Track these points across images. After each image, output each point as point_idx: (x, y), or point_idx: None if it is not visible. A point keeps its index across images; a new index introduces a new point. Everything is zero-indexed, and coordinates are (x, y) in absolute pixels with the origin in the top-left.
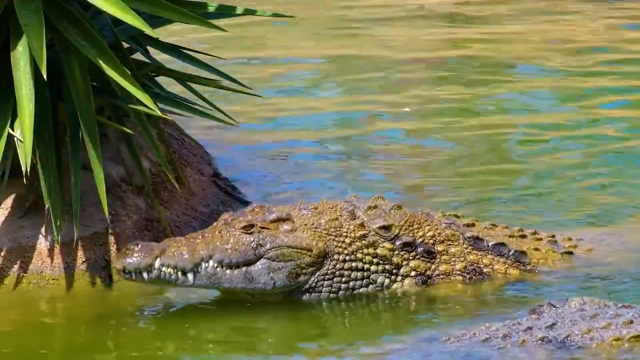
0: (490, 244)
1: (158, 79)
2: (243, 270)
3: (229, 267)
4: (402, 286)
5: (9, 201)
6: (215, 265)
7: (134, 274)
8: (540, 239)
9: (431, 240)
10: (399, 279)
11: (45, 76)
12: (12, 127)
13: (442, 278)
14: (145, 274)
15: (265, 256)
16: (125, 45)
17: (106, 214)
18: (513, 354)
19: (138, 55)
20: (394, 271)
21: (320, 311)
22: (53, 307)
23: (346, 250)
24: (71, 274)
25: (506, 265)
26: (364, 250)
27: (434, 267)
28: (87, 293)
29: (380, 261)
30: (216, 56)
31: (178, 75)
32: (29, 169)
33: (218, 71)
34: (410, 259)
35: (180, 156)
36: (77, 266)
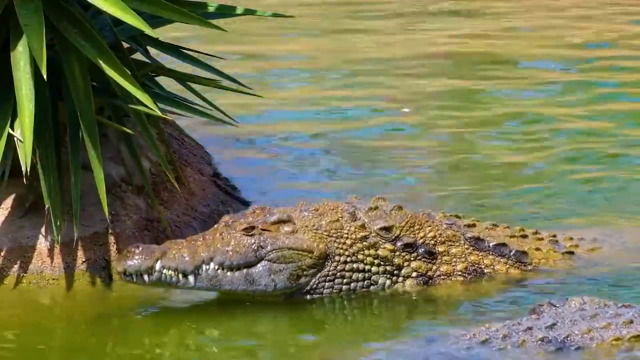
0: (491, 245)
1: (158, 79)
2: (244, 272)
3: (229, 269)
4: (404, 287)
5: (9, 201)
6: (216, 267)
7: (134, 276)
8: (541, 239)
9: (432, 241)
10: (400, 280)
11: (45, 76)
12: (12, 127)
13: (443, 279)
14: (146, 276)
15: (266, 258)
16: (125, 45)
17: (106, 214)
18: (513, 354)
19: (138, 55)
20: (395, 272)
21: (321, 311)
22: (53, 307)
23: (347, 252)
24: (71, 274)
25: (507, 266)
26: (365, 251)
27: (435, 268)
28: (87, 293)
29: (382, 262)
30: (216, 56)
31: (178, 75)
32: (29, 169)
33: (218, 71)
34: (412, 259)
35: (180, 156)
36: (77, 266)
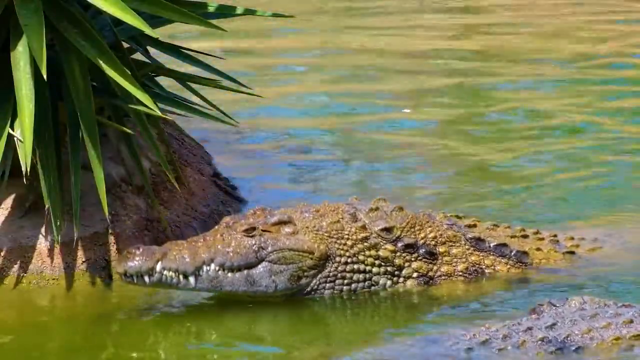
0: (491, 245)
1: (158, 79)
2: (245, 273)
3: (230, 270)
4: (404, 287)
5: (9, 201)
6: (216, 268)
7: (135, 277)
8: (542, 239)
9: (433, 242)
10: (401, 281)
11: (45, 76)
12: (12, 127)
13: (444, 279)
14: (146, 277)
15: (266, 259)
16: (125, 45)
17: (106, 214)
18: (513, 355)
19: (138, 55)
20: (396, 273)
21: (321, 312)
22: (53, 307)
23: (348, 253)
24: (71, 274)
25: (508, 266)
26: (366, 252)
27: (435, 269)
28: (87, 293)
29: (382, 263)
30: (216, 56)
31: (178, 75)
32: (29, 169)
33: (218, 71)
34: (412, 260)
35: (180, 156)
36: (77, 266)
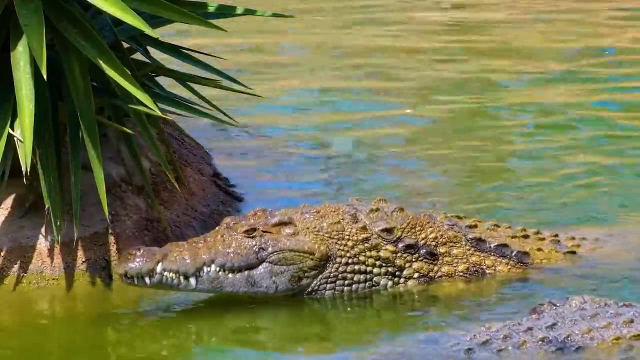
0: (492, 245)
1: (158, 79)
2: (245, 274)
3: (231, 271)
4: (405, 288)
5: (9, 201)
6: (217, 269)
7: (136, 278)
8: (542, 239)
9: (433, 242)
10: (401, 281)
11: (45, 76)
12: (12, 127)
13: (445, 279)
14: (147, 278)
15: (267, 260)
16: (125, 45)
17: (106, 214)
18: (514, 355)
19: (138, 55)
20: (397, 273)
21: (321, 312)
22: (53, 307)
23: (349, 253)
24: (71, 274)
25: (509, 266)
26: (367, 253)
27: (436, 269)
28: (87, 293)
29: (383, 264)
30: (216, 56)
31: (178, 75)
32: (29, 169)
33: (218, 71)
34: (413, 261)
35: (180, 156)
36: (77, 266)
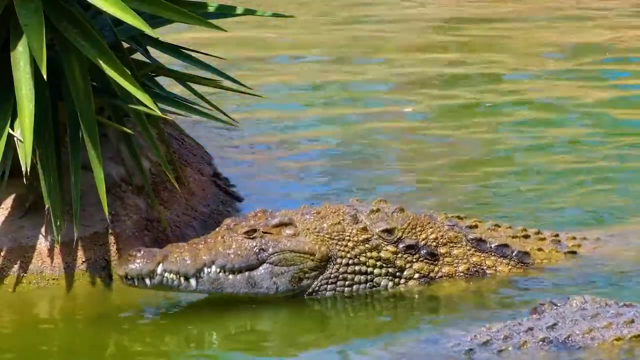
0: (493, 246)
1: (158, 79)
2: (246, 275)
3: (231, 272)
4: (406, 288)
5: (9, 201)
6: (217, 270)
7: (136, 280)
8: (543, 239)
9: (434, 243)
10: (402, 282)
11: (45, 76)
12: (12, 127)
13: (445, 280)
14: (147, 280)
15: (267, 261)
16: (125, 45)
17: (106, 214)
18: (514, 356)
19: (138, 55)
20: (397, 274)
21: (322, 312)
22: (53, 307)
23: (349, 254)
24: (71, 274)
25: (509, 267)
26: (367, 253)
27: (437, 269)
28: (87, 293)
29: (384, 264)
30: (216, 56)
31: (178, 75)
32: (29, 169)
33: (218, 71)
34: (414, 261)
35: (180, 156)
36: (77, 266)
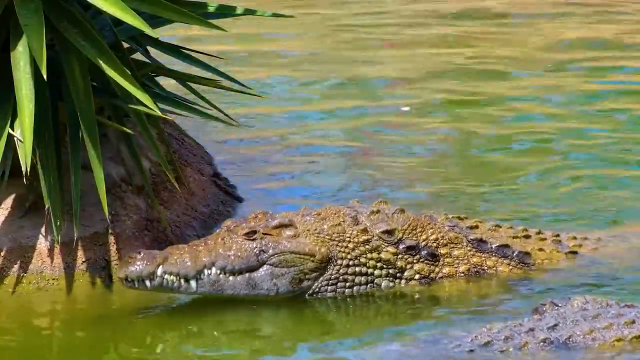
0: (493, 246)
1: (158, 79)
2: (246, 276)
3: (231, 274)
4: (406, 289)
5: (9, 201)
6: (217, 272)
7: (136, 282)
8: (544, 239)
9: (434, 244)
10: (402, 283)
11: (45, 76)
12: (12, 127)
13: (446, 280)
14: (147, 281)
15: (268, 262)
16: (125, 45)
17: (106, 214)
18: (515, 356)
19: (138, 55)
20: (398, 275)
21: (322, 311)
22: (53, 307)
23: (349, 255)
24: (71, 274)
25: (510, 267)
26: (368, 255)
27: (437, 270)
28: (87, 293)
29: (384, 265)
30: (216, 56)
31: (178, 75)
32: (29, 169)
33: (218, 71)
34: (414, 262)
35: (180, 156)
36: (77, 266)
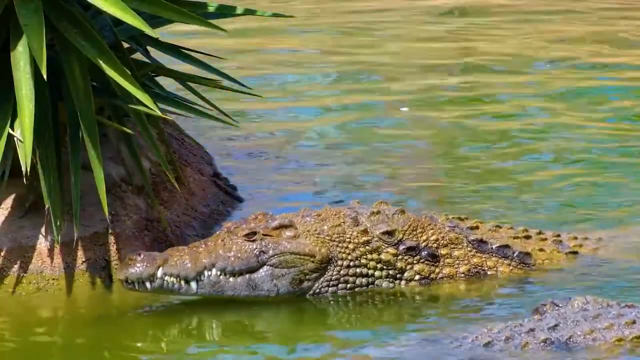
0: (494, 247)
1: (158, 79)
2: (246, 277)
3: (232, 275)
4: (407, 290)
5: (9, 201)
6: (218, 273)
7: (136, 284)
8: (545, 239)
9: (435, 244)
10: (403, 284)
11: (45, 76)
12: (12, 127)
13: (446, 281)
14: (147, 283)
15: (268, 263)
16: (125, 45)
17: (106, 214)
18: (516, 357)
19: (138, 55)
20: (398, 276)
21: (323, 311)
22: (53, 307)
23: (350, 256)
24: (71, 274)
25: (511, 267)
26: (368, 255)
27: (437, 271)
28: (87, 293)
29: (384, 266)
30: (216, 56)
31: (178, 75)
32: (29, 169)
33: (218, 71)
34: (414, 263)
35: (180, 156)
36: (77, 266)
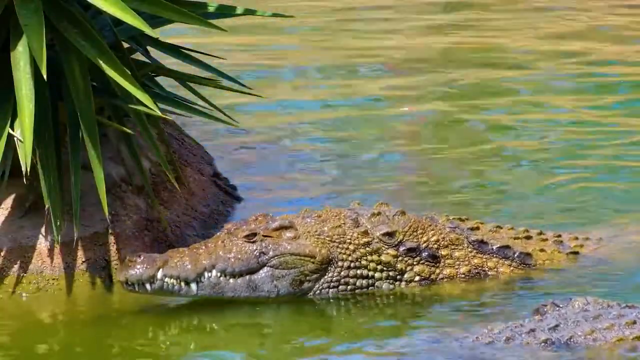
0: (494, 247)
1: (158, 79)
2: (246, 278)
3: (232, 276)
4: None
5: (9, 201)
6: (218, 274)
7: (136, 285)
8: (545, 240)
9: (435, 245)
10: (403, 285)
11: (45, 76)
12: (12, 127)
13: (447, 282)
14: (148, 285)
15: (268, 264)
16: (125, 45)
17: (106, 214)
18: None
19: (138, 56)
20: (398, 277)
21: (323, 310)
22: (53, 307)
23: (350, 257)
24: (71, 274)
25: (511, 268)
26: (368, 257)
27: (438, 271)
28: (87, 293)
29: (385, 268)
30: (216, 56)
31: (178, 75)
32: (29, 169)
33: (218, 71)
34: (415, 264)
35: (180, 156)
36: (77, 266)
